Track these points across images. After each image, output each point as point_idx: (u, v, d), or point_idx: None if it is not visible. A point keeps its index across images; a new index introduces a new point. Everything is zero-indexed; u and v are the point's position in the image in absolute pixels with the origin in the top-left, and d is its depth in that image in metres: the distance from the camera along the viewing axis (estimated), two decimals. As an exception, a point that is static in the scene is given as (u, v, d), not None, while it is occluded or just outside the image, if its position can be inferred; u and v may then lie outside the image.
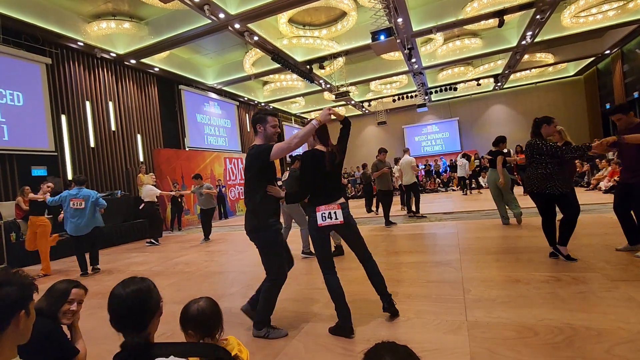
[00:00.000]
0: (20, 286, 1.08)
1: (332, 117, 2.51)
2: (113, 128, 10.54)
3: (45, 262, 5.67)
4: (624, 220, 3.68)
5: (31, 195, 5.89)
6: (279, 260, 2.59)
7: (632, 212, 3.64)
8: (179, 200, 10.34)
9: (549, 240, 3.78)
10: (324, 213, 2.45)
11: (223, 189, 12.88)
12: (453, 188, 15.74)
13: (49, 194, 5.89)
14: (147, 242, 8.03)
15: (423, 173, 17.28)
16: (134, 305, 1.22)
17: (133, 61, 10.73)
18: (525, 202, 8.83)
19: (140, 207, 8.22)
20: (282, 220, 2.91)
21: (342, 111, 21.68)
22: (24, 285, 1.10)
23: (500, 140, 6.15)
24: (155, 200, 8.24)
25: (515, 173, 9.02)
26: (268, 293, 2.59)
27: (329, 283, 2.52)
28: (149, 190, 7.98)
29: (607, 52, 14.42)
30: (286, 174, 5.22)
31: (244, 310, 2.83)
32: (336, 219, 2.45)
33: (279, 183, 5.35)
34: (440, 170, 17.76)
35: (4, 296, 1.03)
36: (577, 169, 12.12)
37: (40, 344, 1.51)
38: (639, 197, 3.47)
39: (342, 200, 2.56)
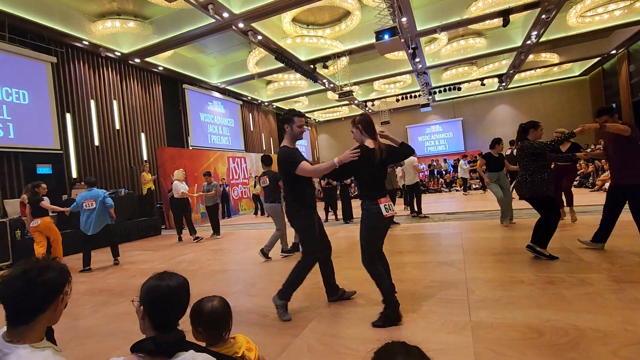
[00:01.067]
0: (60, 271, 1.14)
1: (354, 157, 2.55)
2: (117, 127, 10.59)
3: None
4: (607, 220, 3.81)
5: (52, 206, 5.79)
6: (313, 242, 2.88)
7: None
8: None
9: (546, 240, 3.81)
10: (386, 205, 2.59)
11: (227, 188, 12.91)
12: (456, 188, 15.68)
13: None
14: (195, 239, 7.72)
15: (427, 173, 17.23)
16: (180, 299, 1.25)
17: (137, 60, 10.78)
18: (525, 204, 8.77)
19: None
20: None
21: (345, 111, 21.66)
22: (63, 270, 1.16)
23: (495, 142, 6.11)
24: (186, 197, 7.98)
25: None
26: (300, 270, 2.86)
27: (380, 273, 2.63)
28: (177, 187, 7.84)
29: (613, 52, 14.31)
30: (266, 179, 5.27)
31: (332, 301, 3.07)
32: (393, 210, 2.65)
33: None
34: (447, 170, 17.68)
35: (46, 281, 1.08)
36: (582, 170, 12.04)
37: None
38: (636, 197, 3.54)
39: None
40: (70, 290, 1.77)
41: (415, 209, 8.18)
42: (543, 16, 10.05)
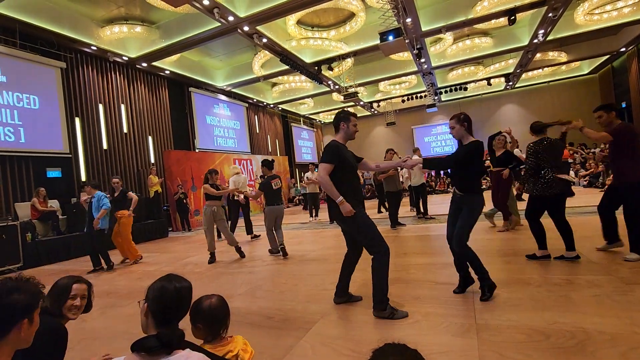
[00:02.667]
0: (28, 295, 1.09)
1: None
2: (125, 130, 10.72)
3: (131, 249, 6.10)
4: (606, 219, 3.82)
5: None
6: (375, 235, 2.77)
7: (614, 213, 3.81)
8: (184, 201, 10.45)
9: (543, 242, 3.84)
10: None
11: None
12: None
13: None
14: (252, 237, 7.86)
15: (433, 173, 17.12)
16: (185, 300, 1.29)
17: (144, 64, 10.91)
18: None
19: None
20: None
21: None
22: (33, 294, 1.11)
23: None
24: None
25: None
26: (380, 270, 2.71)
27: (473, 253, 2.91)
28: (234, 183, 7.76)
29: (623, 49, 14.07)
30: (278, 181, 5.64)
31: (338, 303, 3.04)
32: None
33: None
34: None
35: (11, 303, 1.05)
36: (592, 170, 11.86)
37: (43, 342, 1.50)
38: (624, 199, 3.60)
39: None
40: (81, 298, 1.79)
41: (422, 210, 8.13)
42: (550, 14, 9.93)
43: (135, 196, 6.53)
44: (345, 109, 20.44)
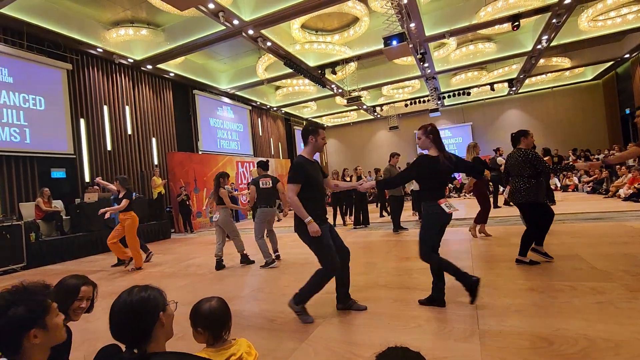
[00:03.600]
0: (28, 306, 1.05)
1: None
2: (129, 132, 10.79)
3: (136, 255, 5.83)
4: None
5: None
6: (327, 255, 2.83)
7: None
8: (187, 203, 10.48)
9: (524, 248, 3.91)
10: (446, 204, 2.88)
11: (235, 192, 13.00)
12: (465, 194, 15.51)
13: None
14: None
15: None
16: (129, 318, 1.18)
17: (149, 67, 11.00)
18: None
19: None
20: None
21: (354, 116, 21.69)
22: (34, 303, 1.07)
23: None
24: None
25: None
26: (317, 279, 2.85)
27: (443, 261, 2.93)
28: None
29: (627, 56, 14.06)
30: (269, 181, 5.31)
31: (341, 309, 3.07)
32: (452, 209, 2.92)
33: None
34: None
35: (10, 318, 1.01)
36: (596, 176, 11.82)
37: None
38: None
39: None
40: (86, 300, 1.78)
41: (424, 214, 8.12)
42: (554, 20, 9.95)
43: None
44: (348, 111, 20.35)
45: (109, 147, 10.11)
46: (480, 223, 5.68)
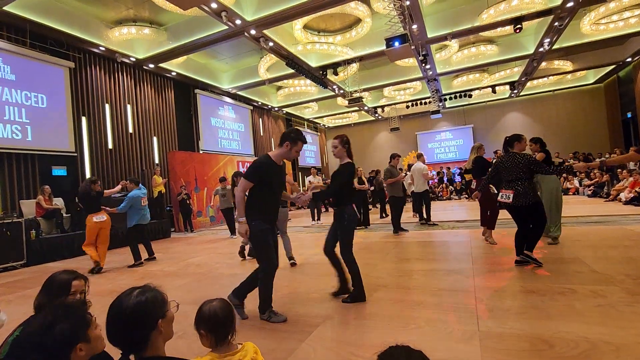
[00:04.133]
0: (72, 321, 1.10)
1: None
2: (130, 130, 10.80)
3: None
4: None
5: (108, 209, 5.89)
6: (266, 255, 2.92)
7: None
8: (188, 202, 10.48)
9: (520, 248, 3.96)
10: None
11: (235, 192, 13.01)
12: (466, 196, 15.50)
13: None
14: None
15: (436, 180, 17.08)
16: (123, 326, 1.16)
17: (151, 65, 11.01)
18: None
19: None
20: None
21: (355, 117, 21.72)
22: (78, 317, 1.12)
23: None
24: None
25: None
26: (262, 280, 2.93)
27: (354, 262, 3.24)
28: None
29: (629, 59, 14.05)
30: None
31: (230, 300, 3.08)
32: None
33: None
34: (453, 178, 17.53)
35: (57, 335, 1.05)
36: (597, 179, 11.80)
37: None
38: None
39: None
40: (80, 294, 1.76)
41: (425, 216, 8.12)
42: (556, 24, 9.95)
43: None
44: (349, 112, 20.38)
45: (110, 146, 10.12)
46: (490, 228, 5.35)
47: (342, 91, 14.92)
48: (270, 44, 10.06)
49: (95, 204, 5.79)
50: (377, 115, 20.20)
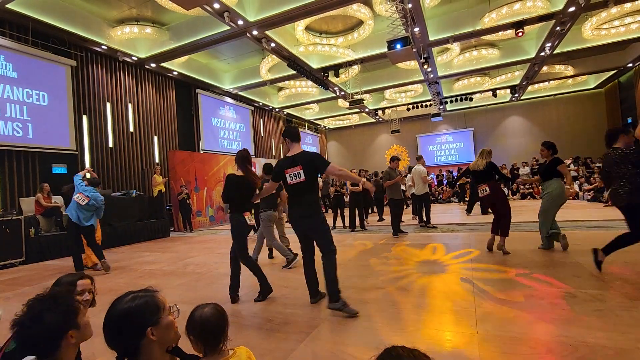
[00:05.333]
0: (60, 312, 1.13)
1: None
2: (131, 129, 10.81)
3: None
4: None
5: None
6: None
7: None
8: (187, 202, 10.49)
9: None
10: (248, 217, 3.68)
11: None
12: (466, 199, 15.49)
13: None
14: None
15: (435, 183, 17.09)
16: (112, 333, 1.12)
17: (153, 65, 11.03)
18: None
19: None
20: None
21: (356, 119, 21.77)
22: (67, 306, 1.15)
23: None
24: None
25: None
26: (330, 265, 3.05)
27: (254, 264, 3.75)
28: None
29: (630, 65, 14.08)
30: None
31: (313, 303, 3.29)
32: (251, 221, 3.67)
33: None
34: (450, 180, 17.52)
35: (47, 325, 1.09)
36: (597, 184, 11.80)
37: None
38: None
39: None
40: (88, 292, 1.77)
41: (424, 218, 8.12)
42: (557, 28, 9.97)
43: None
44: (350, 113, 20.32)
45: (110, 144, 10.12)
46: (503, 235, 4.79)
47: (343, 93, 14.93)
48: (272, 45, 10.08)
49: None
50: (377, 117, 20.21)
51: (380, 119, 20.77)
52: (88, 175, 5.92)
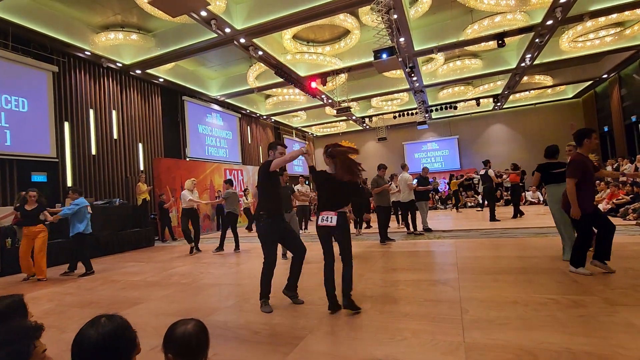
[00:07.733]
0: (11, 350, 1.08)
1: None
2: (115, 136, 10.59)
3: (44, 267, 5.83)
4: None
5: (49, 217, 5.82)
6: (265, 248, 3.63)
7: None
8: (170, 210, 10.28)
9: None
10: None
11: (222, 200, 12.82)
12: (450, 205, 15.73)
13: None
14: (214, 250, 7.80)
15: (446, 188, 17.30)
16: (102, 355, 1.08)
17: (138, 71, 10.88)
18: (523, 222, 8.80)
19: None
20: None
21: (343, 126, 21.94)
22: (18, 347, 1.10)
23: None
24: (194, 206, 8.12)
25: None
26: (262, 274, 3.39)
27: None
28: (184, 196, 8.00)
29: (605, 76, 14.67)
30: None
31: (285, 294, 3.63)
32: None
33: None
34: (439, 188, 17.75)
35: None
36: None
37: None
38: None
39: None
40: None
41: (411, 226, 8.18)
42: (537, 40, 10.34)
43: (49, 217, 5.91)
44: (337, 121, 20.46)
45: (93, 152, 9.89)
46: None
47: (330, 101, 15.04)
48: (260, 52, 10.10)
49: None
50: (365, 125, 20.41)
51: (367, 127, 20.97)
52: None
